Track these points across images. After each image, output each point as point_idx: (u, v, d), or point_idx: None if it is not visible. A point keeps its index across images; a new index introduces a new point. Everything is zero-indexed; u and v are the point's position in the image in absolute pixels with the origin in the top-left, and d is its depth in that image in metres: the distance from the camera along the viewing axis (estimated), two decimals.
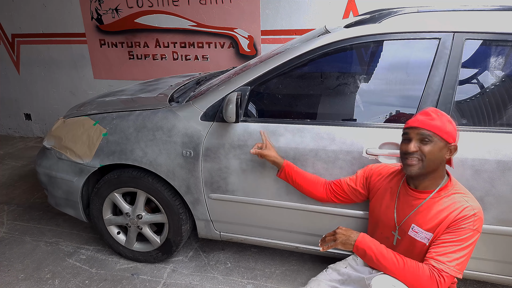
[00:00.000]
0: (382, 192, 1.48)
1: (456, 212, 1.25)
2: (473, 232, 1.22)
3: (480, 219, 1.24)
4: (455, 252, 1.21)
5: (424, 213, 1.31)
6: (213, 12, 3.53)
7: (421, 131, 1.26)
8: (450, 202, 1.28)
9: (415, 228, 1.33)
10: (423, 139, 1.26)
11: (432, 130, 1.25)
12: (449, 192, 1.30)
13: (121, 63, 4.04)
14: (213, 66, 3.72)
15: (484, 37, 1.53)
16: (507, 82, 1.60)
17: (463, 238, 1.21)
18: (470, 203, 1.25)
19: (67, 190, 2.13)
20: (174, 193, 1.94)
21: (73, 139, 2.06)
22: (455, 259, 1.20)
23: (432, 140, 1.25)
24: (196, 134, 1.80)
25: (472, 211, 1.23)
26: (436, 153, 1.25)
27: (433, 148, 1.25)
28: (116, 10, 3.81)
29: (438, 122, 1.25)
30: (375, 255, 1.27)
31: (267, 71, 1.73)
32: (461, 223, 1.23)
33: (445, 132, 1.25)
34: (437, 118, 1.26)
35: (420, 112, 1.32)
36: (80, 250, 2.36)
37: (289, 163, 1.64)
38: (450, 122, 1.27)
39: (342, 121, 1.72)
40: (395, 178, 1.47)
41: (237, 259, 2.25)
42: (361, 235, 1.32)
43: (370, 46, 1.71)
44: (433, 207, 1.30)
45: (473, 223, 1.22)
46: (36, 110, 4.57)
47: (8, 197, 3.07)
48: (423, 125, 1.26)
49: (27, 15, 4.10)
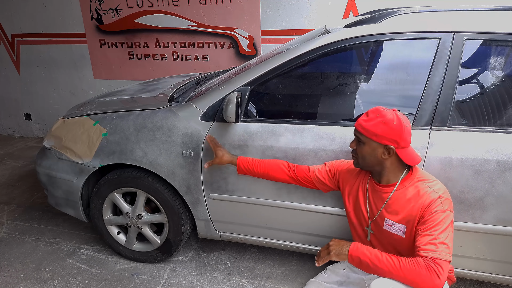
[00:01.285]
0: (354, 189, 1.50)
1: (421, 200, 1.28)
2: (445, 213, 1.24)
3: (447, 199, 1.27)
4: (436, 237, 1.22)
5: (393, 206, 1.35)
6: (213, 12, 3.53)
7: (355, 131, 1.36)
8: (414, 191, 1.31)
9: (388, 221, 1.37)
10: (358, 139, 1.35)
11: (362, 132, 1.32)
12: (413, 181, 1.33)
13: (121, 63, 4.04)
14: (213, 66, 3.72)
15: (484, 37, 1.53)
16: (507, 82, 1.60)
17: (438, 222, 1.23)
18: (433, 188, 1.29)
19: (67, 190, 2.13)
20: (174, 193, 1.94)
21: (73, 139, 2.06)
22: (440, 243, 1.20)
23: (363, 141, 1.33)
24: (196, 134, 1.80)
25: (436, 194, 1.27)
26: (368, 153, 1.32)
27: (364, 149, 1.33)
28: (116, 10, 3.81)
29: (370, 123, 1.29)
30: (370, 260, 1.25)
31: (267, 71, 1.73)
32: (430, 208, 1.25)
33: (374, 134, 1.28)
34: (372, 119, 1.29)
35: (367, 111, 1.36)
36: (80, 250, 2.36)
37: (242, 157, 1.68)
38: (385, 123, 1.27)
39: (342, 121, 1.72)
40: (362, 173, 1.50)
41: (237, 259, 2.25)
42: (353, 243, 1.31)
43: (370, 46, 1.72)
44: (400, 198, 1.33)
45: (441, 205, 1.25)
46: (36, 110, 4.57)
47: (8, 197, 3.07)
48: (356, 125, 1.35)
49: (27, 15, 4.10)
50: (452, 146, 1.50)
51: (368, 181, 1.46)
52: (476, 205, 1.51)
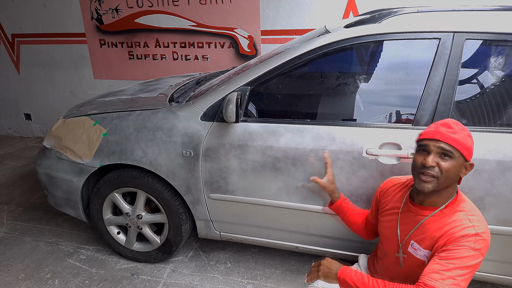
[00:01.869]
0: (387, 209, 1.38)
1: (455, 230, 1.13)
2: (474, 252, 1.08)
3: (484, 240, 1.10)
4: (450, 270, 1.07)
5: (424, 230, 1.22)
6: (213, 12, 3.53)
7: (443, 145, 1.14)
8: (451, 220, 1.17)
9: (414, 245, 1.24)
10: (443, 154, 1.14)
11: (454, 146, 1.13)
12: (454, 210, 1.19)
13: (121, 63, 4.04)
14: (213, 66, 3.72)
15: (484, 37, 1.53)
16: (507, 82, 1.60)
17: (461, 257, 1.08)
18: (473, 223, 1.13)
19: (67, 190, 2.13)
20: (174, 193, 1.94)
21: (73, 139, 2.06)
22: (449, 278, 1.05)
23: (452, 156, 1.13)
24: (196, 134, 1.80)
25: (474, 230, 1.11)
26: (454, 170, 1.14)
27: (452, 165, 1.14)
28: (116, 10, 3.81)
29: (460, 136, 1.14)
30: (355, 284, 1.15)
31: (267, 71, 1.73)
32: (460, 241, 1.10)
33: (467, 148, 1.14)
34: (459, 132, 1.15)
35: (439, 122, 1.20)
36: (80, 250, 2.36)
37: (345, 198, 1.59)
38: (470, 137, 1.17)
39: (342, 121, 1.72)
40: (399, 193, 1.37)
41: (237, 259, 2.25)
42: (343, 266, 1.22)
43: (370, 46, 1.72)
44: (434, 224, 1.20)
45: (473, 242, 1.09)
46: (36, 110, 4.57)
47: (8, 197, 3.07)
48: (445, 138, 1.13)
49: (27, 15, 4.10)
50: None
51: (404, 200, 1.32)
52: (476, 205, 1.49)
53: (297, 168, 1.69)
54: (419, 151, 1.21)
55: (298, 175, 1.70)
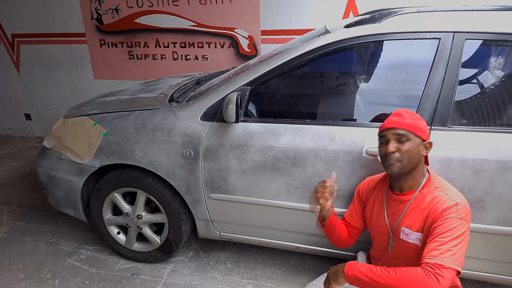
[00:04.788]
0: (371, 203, 1.49)
1: (437, 206, 1.25)
2: (459, 221, 1.19)
3: (464, 208, 1.23)
4: (445, 243, 1.17)
5: (410, 214, 1.33)
6: (213, 12, 3.53)
7: (397, 131, 1.29)
8: (431, 197, 1.29)
9: (405, 230, 1.34)
10: (400, 139, 1.29)
11: (407, 129, 1.28)
12: (430, 188, 1.32)
13: (121, 63, 4.04)
14: (213, 66, 3.72)
15: (484, 37, 1.53)
16: (507, 82, 1.60)
17: (450, 229, 1.19)
18: (450, 195, 1.26)
19: (67, 190, 2.13)
20: (174, 193, 1.94)
21: (73, 139, 2.06)
22: (447, 250, 1.15)
23: (408, 138, 1.29)
24: (196, 134, 1.80)
25: (453, 201, 1.24)
26: (414, 150, 1.29)
27: (411, 146, 1.28)
28: (116, 10, 3.81)
29: (410, 120, 1.29)
30: (365, 275, 1.20)
31: (267, 71, 1.73)
32: (443, 214, 1.22)
33: (419, 129, 1.29)
34: (408, 117, 1.30)
35: (391, 114, 1.36)
36: (80, 250, 2.36)
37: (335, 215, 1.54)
38: (421, 119, 1.33)
39: (342, 121, 1.72)
40: (378, 186, 1.49)
41: (237, 259, 2.25)
42: (348, 263, 1.26)
43: (370, 46, 1.71)
44: (418, 206, 1.31)
45: (456, 212, 1.21)
46: (36, 110, 4.57)
47: (8, 197, 3.07)
48: (397, 125, 1.29)
49: (27, 15, 4.10)
50: (452, 146, 1.50)
51: (385, 192, 1.44)
52: (476, 205, 1.51)
53: (297, 168, 1.69)
54: (381, 143, 1.36)
55: (298, 175, 1.70)
